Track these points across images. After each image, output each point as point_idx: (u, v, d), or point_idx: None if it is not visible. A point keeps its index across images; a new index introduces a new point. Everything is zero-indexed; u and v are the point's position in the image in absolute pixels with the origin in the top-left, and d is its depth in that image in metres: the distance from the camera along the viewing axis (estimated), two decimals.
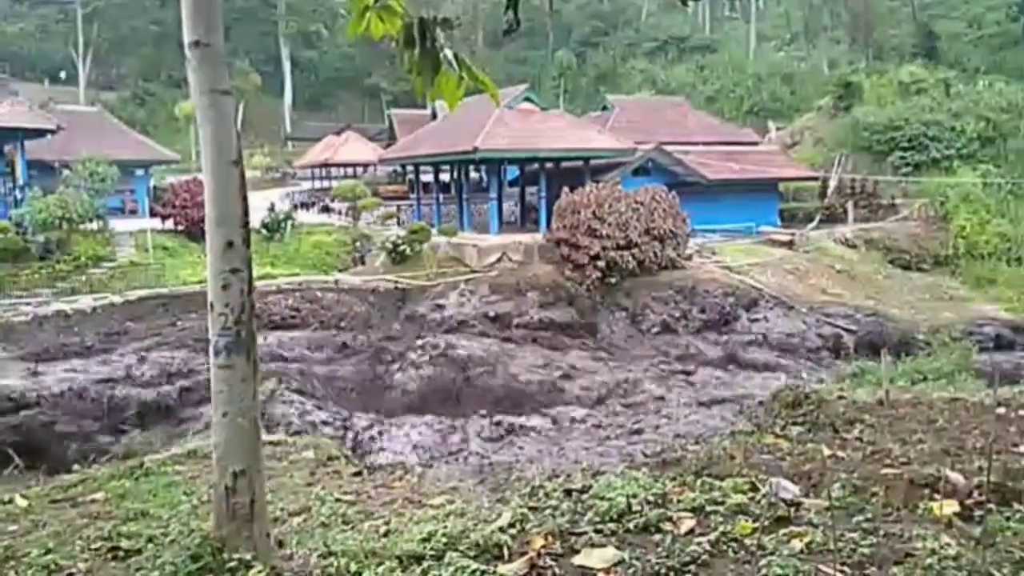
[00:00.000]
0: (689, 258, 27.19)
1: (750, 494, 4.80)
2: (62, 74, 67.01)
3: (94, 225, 29.05)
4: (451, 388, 18.43)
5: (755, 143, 39.87)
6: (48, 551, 5.31)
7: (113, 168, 31.48)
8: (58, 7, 70.34)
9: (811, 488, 5.20)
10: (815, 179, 38.71)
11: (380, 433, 14.72)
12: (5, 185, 33.29)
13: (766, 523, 4.23)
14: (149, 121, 57.54)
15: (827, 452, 6.45)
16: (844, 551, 3.75)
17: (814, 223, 35.21)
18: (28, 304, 22.28)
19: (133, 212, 36.36)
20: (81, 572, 4.90)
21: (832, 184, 38.31)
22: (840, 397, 9.12)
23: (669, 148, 32.19)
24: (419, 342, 21.41)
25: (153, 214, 33.11)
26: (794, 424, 7.94)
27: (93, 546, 5.43)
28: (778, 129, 48.78)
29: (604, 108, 40.29)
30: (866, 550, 3.75)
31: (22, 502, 6.87)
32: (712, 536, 4.03)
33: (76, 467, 8.52)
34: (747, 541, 4.00)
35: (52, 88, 62.30)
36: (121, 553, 5.24)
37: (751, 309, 24.74)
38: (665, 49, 72.83)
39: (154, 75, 70.48)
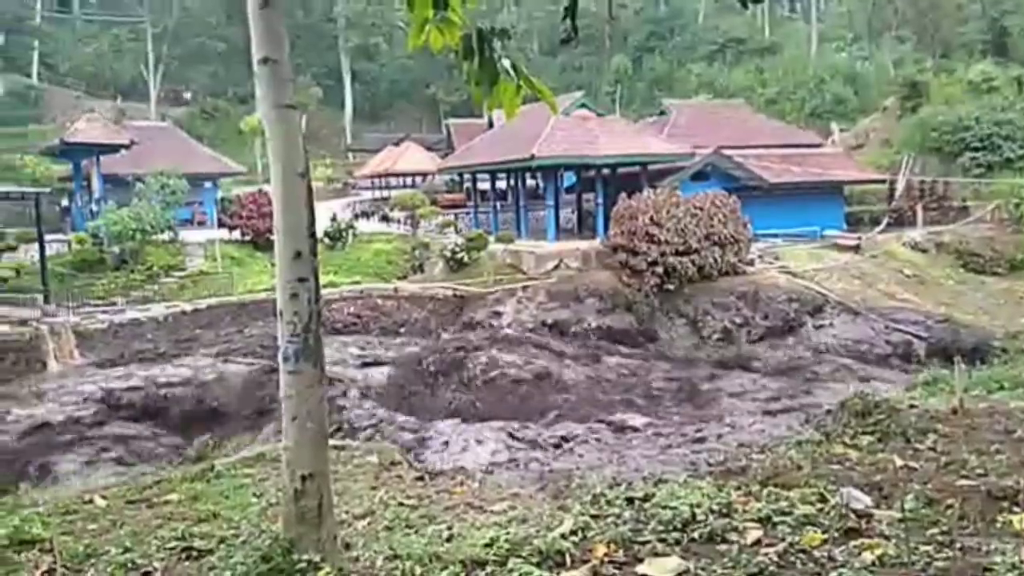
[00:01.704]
0: (751, 263, 26.71)
1: (818, 505, 4.71)
2: (134, 90, 69.68)
3: (166, 236, 30.12)
4: (509, 395, 18.46)
5: (818, 145, 38.95)
6: (126, 550, 5.53)
7: (183, 181, 32.61)
8: (130, 27, 73.23)
9: (882, 499, 5.06)
10: (881, 181, 37.61)
11: (440, 439, 14.84)
12: (82, 198, 34.80)
13: (836, 534, 4.14)
14: (216, 135, 59.35)
15: (899, 462, 6.26)
16: (918, 564, 3.64)
17: (881, 226, 34.19)
18: (104, 312, 23.21)
19: (202, 223, 37.54)
20: (157, 571, 5.08)
21: (900, 186, 37.17)
22: (912, 406, 8.83)
23: (729, 152, 31.70)
24: (477, 349, 21.52)
25: (221, 225, 34.15)
26: (863, 433, 7.71)
27: (168, 546, 5.62)
28: (841, 131, 47.57)
29: (661, 113, 39.94)
30: (941, 564, 3.64)
31: (101, 502, 7.15)
32: (780, 547, 3.96)
33: (152, 469, 8.83)
34: (816, 552, 3.92)
35: (125, 104, 64.88)
36: (194, 553, 5.42)
37: (816, 315, 24.14)
38: (723, 52, 71.84)
39: (221, 91, 72.77)
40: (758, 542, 4.12)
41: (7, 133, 57.06)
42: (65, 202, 38.72)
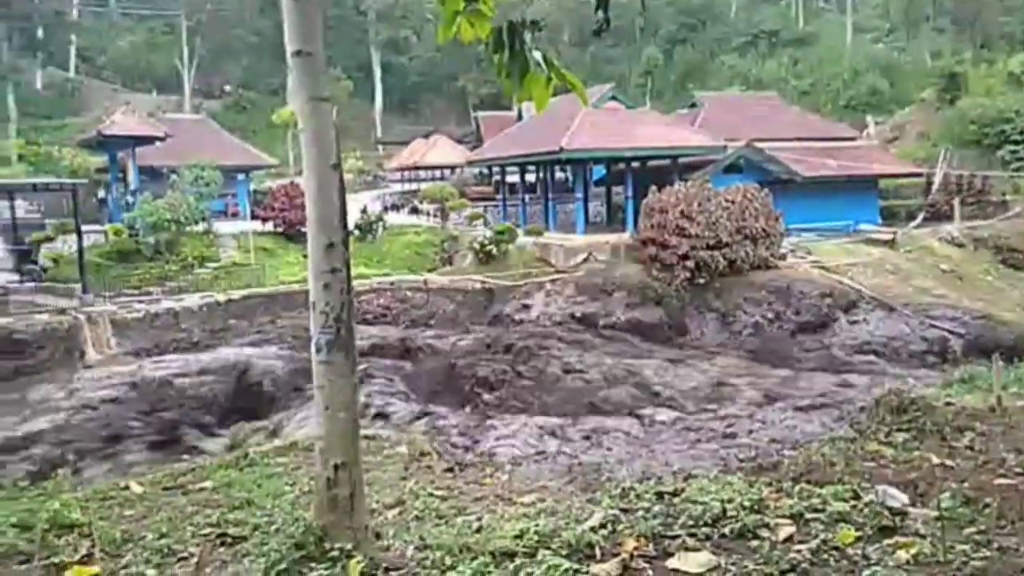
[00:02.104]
0: (783, 258, 26.40)
1: (852, 502, 4.65)
2: (169, 83, 70.66)
3: (200, 227, 30.54)
4: (537, 388, 18.47)
5: (852, 138, 38.36)
6: (162, 535, 5.64)
7: (217, 173, 33.01)
8: (165, 21, 74.23)
9: (918, 497, 4.98)
10: (918, 175, 36.91)
11: (469, 431, 14.91)
12: (118, 190, 35.40)
13: (869, 532, 4.09)
14: (249, 127, 59.94)
15: (935, 460, 6.17)
16: (954, 564, 3.59)
17: (917, 221, 33.60)
18: (140, 302, 23.62)
19: (235, 215, 38.00)
20: (194, 557, 5.17)
21: (937, 180, 36.47)
22: (948, 403, 8.69)
23: (761, 145, 31.34)
24: (505, 341, 21.55)
25: (254, 217, 34.56)
26: (898, 431, 7.60)
27: (203, 532, 5.73)
28: (877, 124, 46.77)
29: (692, 105, 39.58)
30: (978, 563, 3.58)
31: (137, 489, 7.30)
32: (812, 544, 3.92)
33: (187, 456, 8.99)
34: (849, 550, 3.88)
35: (160, 98, 65.84)
36: (229, 539, 5.51)
37: (850, 311, 23.79)
38: (756, 43, 70.84)
39: (253, 83, 73.49)
40: (790, 539, 4.09)
41: (46, 126, 58.35)
42: (102, 193, 39.41)
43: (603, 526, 4.39)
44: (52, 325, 20.20)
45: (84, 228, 25.98)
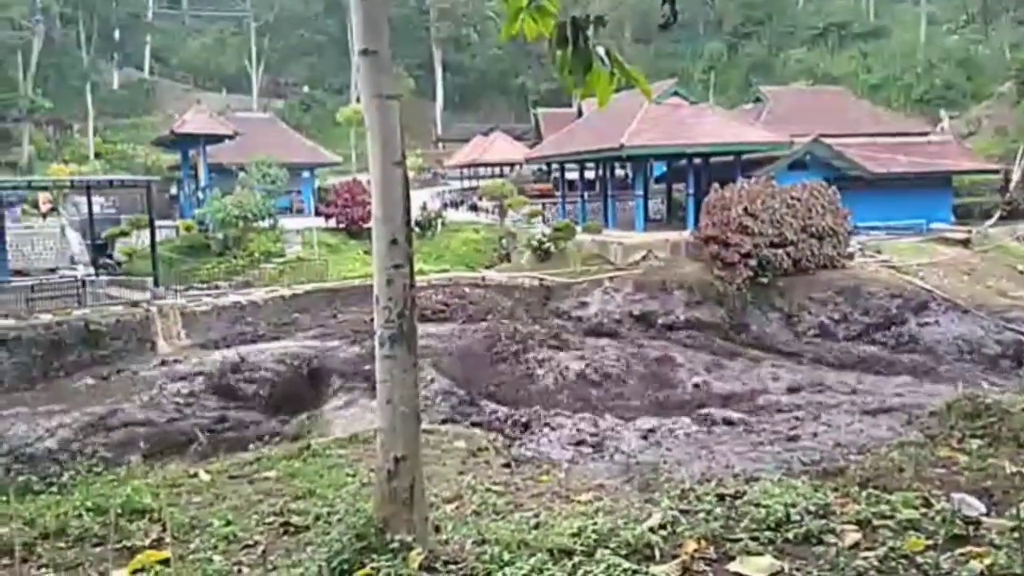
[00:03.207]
0: (850, 257, 25.69)
1: (922, 509, 4.49)
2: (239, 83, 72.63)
3: (266, 223, 31.34)
4: (595, 386, 18.40)
5: (924, 134, 37.05)
6: (228, 523, 5.80)
7: (283, 170, 33.81)
8: (234, 21, 76.32)
9: (992, 506, 4.79)
10: (995, 172, 35.45)
11: (526, 428, 14.94)
12: (189, 186, 36.58)
13: (941, 541, 3.94)
14: (313, 126, 61.17)
15: (1011, 468, 5.92)
16: None
17: (993, 220, 32.28)
18: (208, 295, 24.36)
19: (300, 211, 38.87)
20: (257, 544, 5.31)
21: (1015, 177, 34.94)
22: None
23: (829, 140, 30.54)
24: (563, 339, 21.51)
25: (318, 213, 35.26)
26: (972, 437, 7.31)
27: (267, 520, 5.87)
28: (951, 118, 45.07)
29: (757, 100, 38.81)
30: None
31: (205, 477, 7.52)
32: (880, 551, 3.80)
33: (252, 446, 9.23)
34: (919, 559, 3.74)
35: (229, 97, 67.71)
36: (292, 528, 5.64)
37: (920, 312, 23.00)
38: (825, 37, 68.94)
39: (318, 83, 74.98)
40: (856, 545, 3.98)
41: (122, 124, 60.63)
42: (174, 190, 40.80)
43: (662, 527, 4.33)
44: (126, 317, 20.99)
45: (157, 224, 26.92)
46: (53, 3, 59.48)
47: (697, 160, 30.71)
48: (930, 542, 3.91)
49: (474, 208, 41.56)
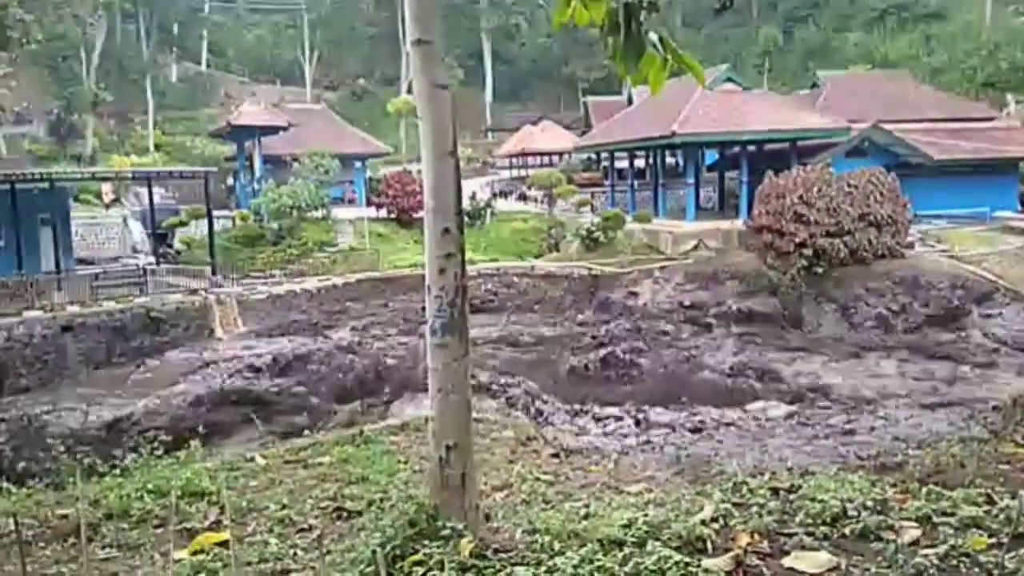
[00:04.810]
0: (910, 246, 24.96)
1: (985, 507, 4.36)
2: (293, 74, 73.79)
3: (319, 213, 31.81)
4: (646, 377, 18.26)
5: (990, 119, 35.71)
6: (284, 507, 5.94)
7: (335, 161, 34.22)
8: (288, 15, 77.44)
9: None
10: None
11: (576, 418, 14.93)
12: (245, 177, 37.34)
13: (1005, 539, 3.82)
14: (365, 117, 61.71)
15: None
16: None
17: None
18: (264, 284, 24.88)
19: (352, 202, 39.32)
20: (312, 528, 5.43)
21: None
22: None
23: (888, 126, 29.66)
24: (613, 328, 21.40)
25: (369, 203, 35.65)
26: None
27: (321, 505, 5.99)
28: (1018, 103, 43.33)
29: (814, 86, 37.90)
30: None
31: (261, 461, 7.70)
32: (940, 549, 3.70)
33: (306, 432, 9.41)
34: (982, 558, 3.63)
35: (283, 88, 68.80)
36: (345, 513, 5.74)
37: (984, 304, 22.25)
38: (884, 19, 66.77)
39: (369, 74, 75.69)
40: (916, 542, 3.88)
41: (179, 116, 62.10)
42: (230, 181, 41.65)
43: (715, 519, 4.28)
44: (185, 305, 21.58)
45: (214, 214, 27.52)
46: None
47: (751, 147, 30.15)
48: (993, 540, 3.80)
49: (523, 197, 41.52)
